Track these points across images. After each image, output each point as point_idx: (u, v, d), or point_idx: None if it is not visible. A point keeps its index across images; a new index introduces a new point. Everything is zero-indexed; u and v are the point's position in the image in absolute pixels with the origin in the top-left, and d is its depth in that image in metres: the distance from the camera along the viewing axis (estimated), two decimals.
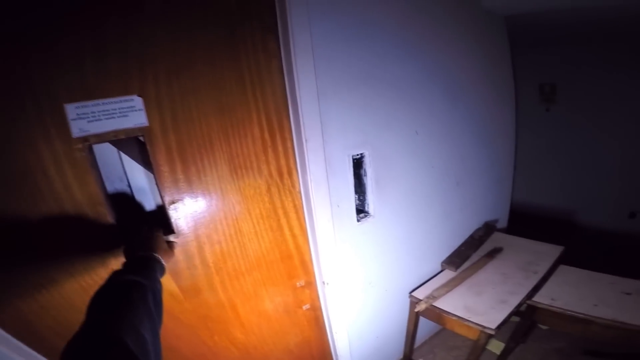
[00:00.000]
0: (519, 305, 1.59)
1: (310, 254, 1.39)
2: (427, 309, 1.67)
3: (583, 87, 3.60)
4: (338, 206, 1.36)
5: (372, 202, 1.49)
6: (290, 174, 1.23)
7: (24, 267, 0.83)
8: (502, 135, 2.35)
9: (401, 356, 2.02)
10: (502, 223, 2.56)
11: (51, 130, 0.80)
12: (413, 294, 1.77)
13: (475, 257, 1.99)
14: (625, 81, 3.33)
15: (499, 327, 1.45)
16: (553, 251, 1.97)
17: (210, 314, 1.17)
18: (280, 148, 1.18)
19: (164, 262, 0.79)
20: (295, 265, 1.36)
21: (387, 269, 1.69)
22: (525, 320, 1.85)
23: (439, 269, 1.97)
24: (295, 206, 1.27)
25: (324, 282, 1.43)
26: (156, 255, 0.78)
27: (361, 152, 1.39)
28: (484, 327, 1.46)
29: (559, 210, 4.06)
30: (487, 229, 2.25)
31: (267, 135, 1.14)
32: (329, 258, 1.38)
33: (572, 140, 3.80)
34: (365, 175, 1.44)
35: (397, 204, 1.63)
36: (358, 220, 1.46)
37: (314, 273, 1.44)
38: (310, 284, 1.45)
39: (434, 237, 1.92)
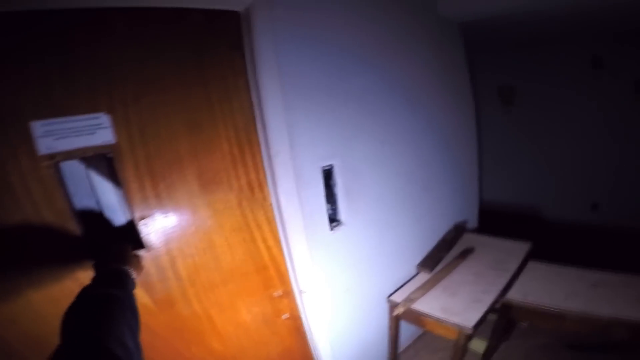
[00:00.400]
0: (493, 303, 1.64)
1: (285, 264, 1.42)
2: (405, 312, 1.70)
3: (539, 88, 3.80)
4: (310, 216, 1.40)
5: (343, 211, 1.54)
6: (261, 187, 1.27)
7: None
8: (464, 138, 2.45)
9: None
10: (472, 223, 2.65)
11: (17, 147, 0.82)
12: (391, 297, 1.81)
13: (448, 259, 2.05)
14: (578, 80, 3.55)
15: (475, 326, 1.49)
16: (521, 248, 2.05)
17: (185, 325, 1.18)
18: (250, 163, 1.23)
19: (134, 276, 0.81)
20: (271, 276, 1.39)
21: (363, 274, 1.73)
22: (502, 318, 1.90)
23: (415, 272, 2.01)
24: (267, 218, 1.31)
25: (301, 291, 1.46)
26: (126, 268, 0.80)
27: (330, 163, 1.44)
28: (462, 326, 1.50)
29: (526, 207, 4.22)
30: (457, 231, 2.32)
31: (236, 151, 1.18)
32: (304, 267, 1.41)
33: (533, 139, 3.98)
34: (336, 185, 1.49)
35: (368, 212, 1.68)
36: (331, 229, 1.50)
37: (291, 282, 1.46)
38: (288, 294, 1.47)
39: (407, 241, 1.97)
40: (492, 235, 2.28)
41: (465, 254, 2.05)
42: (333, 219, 1.53)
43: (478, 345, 2.18)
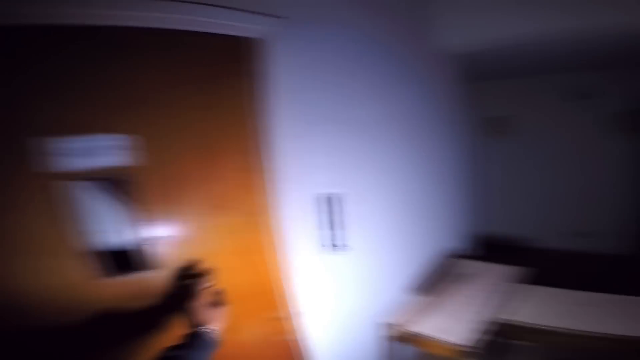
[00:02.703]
0: (488, 323, 1.68)
1: (285, 288, 1.42)
2: (402, 334, 1.71)
3: (531, 118, 3.96)
4: (312, 241, 1.44)
5: (345, 236, 1.57)
6: (264, 212, 1.29)
7: None
8: (456, 169, 2.57)
9: None
10: (466, 251, 2.76)
11: (25, 164, 0.79)
12: (388, 320, 1.82)
13: (445, 283, 2.10)
14: (568, 110, 3.73)
15: (473, 345, 1.53)
16: (512, 272, 2.14)
17: None
18: (255, 188, 1.25)
19: (213, 333, 0.83)
20: (271, 299, 1.38)
21: (363, 298, 1.74)
22: (498, 338, 1.93)
23: (413, 296, 2.04)
24: (269, 243, 1.32)
25: (300, 314, 1.45)
26: (202, 330, 0.82)
27: (333, 190, 1.49)
28: (460, 345, 1.54)
29: (518, 236, 4.38)
30: (453, 256, 2.40)
31: (243, 175, 1.21)
32: (304, 291, 1.43)
33: (526, 170, 4.16)
34: (338, 212, 1.53)
35: (369, 238, 1.73)
36: (332, 254, 1.53)
37: (290, 305, 1.46)
38: (288, 316, 1.46)
39: (405, 266, 2.02)
40: (488, 260, 2.37)
41: (460, 277, 2.11)
42: (334, 245, 1.55)
43: None
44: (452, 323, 1.69)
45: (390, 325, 1.78)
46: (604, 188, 3.76)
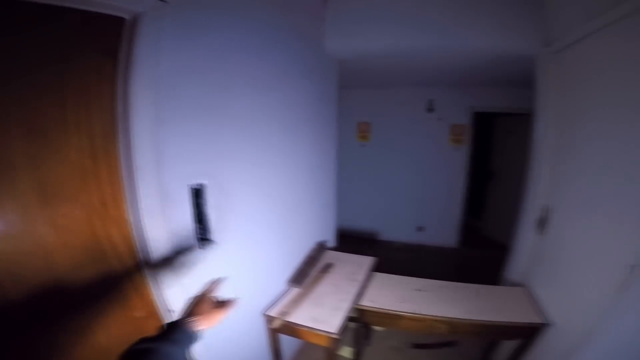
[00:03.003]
0: (350, 310, 1.88)
1: (148, 285, 1.36)
2: (281, 325, 1.80)
3: (387, 125, 4.80)
4: (177, 235, 1.39)
5: (214, 230, 1.56)
6: (116, 203, 1.22)
7: None
8: (326, 167, 2.83)
9: None
10: (331, 242, 3.07)
11: None
12: (267, 312, 1.89)
13: (313, 273, 2.28)
14: (416, 120, 4.62)
15: (338, 331, 1.69)
16: (367, 262, 2.44)
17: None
18: (104, 176, 1.17)
19: (196, 328, 0.83)
20: (130, 296, 1.31)
21: (237, 292, 1.75)
22: (360, 324, 2.18)
23: (286, 287, 2.15)
24: (124, 237, 1.25)
25: (170, 311, 1.40)
26: (187, 321, 0.82)
27: (201, 182, 1.47)
28: (329, 332, 1.68)
29: (369, 230, 5.29)
30: (320, 248, 2.63)
31: (88, 162, 1.11)
32: (170, 287, 1.39)
33: (378, 172, 5.01)
34: (206, 204, 1.50)
35: (240, 231, 1.75)
36: (201, 248, 1.50)
37: (155, 303, 1.40)
38: (153, 315, 1.41)
39: (278, 258, 2.12)
40: (346, 252, 2.66)
41: (327, 268, 2.32)
42: (203, 238, 1.54)
43: (347, 352, 2.43)
44: (322, 312, 1.85)
45: (270, 318, 1.85)
46: (439, 190, 4.80)
